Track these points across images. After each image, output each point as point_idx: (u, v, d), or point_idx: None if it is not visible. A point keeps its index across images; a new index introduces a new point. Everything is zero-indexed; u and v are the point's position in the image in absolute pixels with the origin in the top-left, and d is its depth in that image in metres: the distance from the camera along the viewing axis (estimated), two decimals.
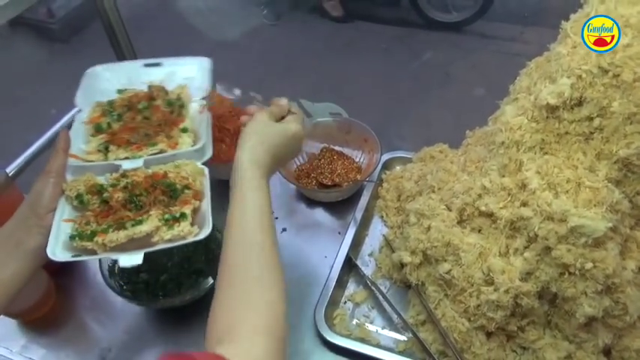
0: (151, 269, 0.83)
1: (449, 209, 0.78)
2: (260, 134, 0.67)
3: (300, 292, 0.85)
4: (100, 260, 0.80)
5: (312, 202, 1.00)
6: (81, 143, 0.73)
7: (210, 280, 0.80)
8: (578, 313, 0.67)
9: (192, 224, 0.63)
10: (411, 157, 1.01)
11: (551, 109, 0.68)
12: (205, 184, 0.68)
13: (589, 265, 0.64)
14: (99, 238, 0.60)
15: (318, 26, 3.39)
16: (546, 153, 0.70)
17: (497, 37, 3.12)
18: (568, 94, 0.65)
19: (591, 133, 0.67)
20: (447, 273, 0.74)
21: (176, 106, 0.78)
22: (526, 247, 0.70)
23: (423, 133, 1.06)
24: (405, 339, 0.78)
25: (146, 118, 0.75)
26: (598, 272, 0.64)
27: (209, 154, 0.72)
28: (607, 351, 0.72)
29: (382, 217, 0.95)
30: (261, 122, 0.69)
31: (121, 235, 0.60)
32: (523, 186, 0.70)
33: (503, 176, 0.73)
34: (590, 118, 0.66)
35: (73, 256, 0.60)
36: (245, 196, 0.61)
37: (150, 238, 0.62)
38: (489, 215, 0.73)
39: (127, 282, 0.82)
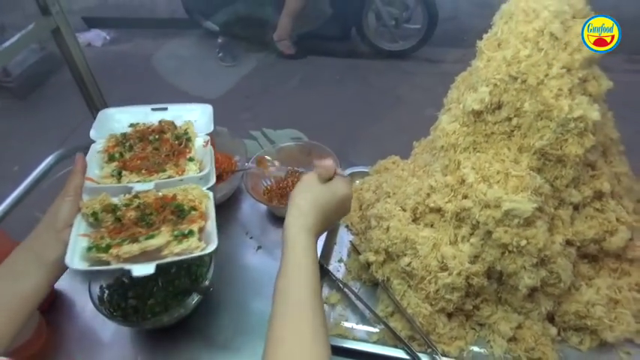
0: (138, 295, 0.89)
1: (403, 210, 0.88)
2: (310, 198, 0.72)
3: None
4: (89, 290, 0.85)
5: (282, 220, 1.08)
6: (96, 169, 0.79)
7: (195, 298, 0.86)
8: (520, 285, 0.77)
9: (199, 240, 0.69)
10: (368, 171, 1.12)
11: (477, 114, 0.80)
12: (210, 207, 0.74)
13: (523, 242, 0.75)
14: (114, 250, 0.65)
15: (274, 64, 3.55)
16: (478, 151, 0.82)
17: (441, 61, 3.35)
18: (488, 100, 0.77)
19: (512, 131, 0.79)
20: (407, 265, 0.83)
21: (183, 139, 0.85)
22: (471, 234, 0.80)
23: (378, 149, 1.16)
24: (378, 330, 0.86)
25: (156, 149, 0.82)
26: (532, 247, 0.75)
27: (213, 180, 0.78)
28: (551, 318, 0.83)
29: (347, 226, 1.05)
30: (311, 185, 0.74)
31: (135, 248, 0.65)
32: (462, 181, 0.81)
33: (446, 175, 0.84)
34: (509, 119, 0.78)
35: (89, 266, 0.65)
36: (300, 263, 0.66)
37: (160, 251, 0.67)
38: (438, 210, 0.84)
39: (117, 308, 0.87)
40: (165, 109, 0.91)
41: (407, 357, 0.80)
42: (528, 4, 0.76)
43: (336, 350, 0.83)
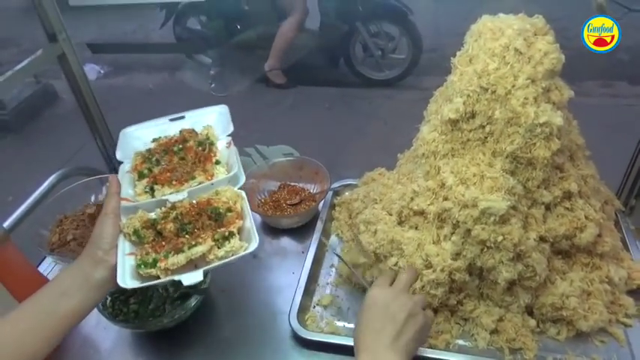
0: (139, 301, 0.93)
1: (389, 214, 0.94)
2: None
3: (275, 303, 0.97)
4: None
5: (276, 232, 1.14)
6: (129, 189, 0.82)
7: (194, 301, 0.91)
8: (499, 279, 0.83)
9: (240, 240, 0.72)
10: (356, 184, 1.18)
11: (454, 123, 0.87)
12: (245, 206, 0.77)
13: (500, 238, 0.81)
14: (161, 264, 0.69)
15: (265, 94, 3.66)
16: (456, 157, 0.88)
17: (426, 89, 3.46)
18: (462, 110, 0.85)
19: (485, 137, 0.86)
20: (394, 265, 0.89)
21: (206, 144, 0.87)
22: (452, 233, 0.86)
23: (366, 166, 1.24)
24: None
25: (182, 158, 0.85)
26: (507, 243, 0.81)
27: (242, 180, 0.82)
28: (530, 311, 0.88)
29: (338, 234, 1.11)
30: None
31: (181, 258, 0.68)
32: (442, 185, 0.87)
33: (427, 180, 0.90)
34: (483, 126, 0.85)
35: (141, 283, 0.68)
36: None
37: (205, 257, 0.70)
38: (421, 213, 0.90)
39: (119, 313, 0.91)
40: (183, 117, 0.94)
41: None
42: (495, 24, 0.85)
43: (329, 347, 0.87)
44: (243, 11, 3.59)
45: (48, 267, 1.11)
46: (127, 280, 0.68)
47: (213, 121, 0.94)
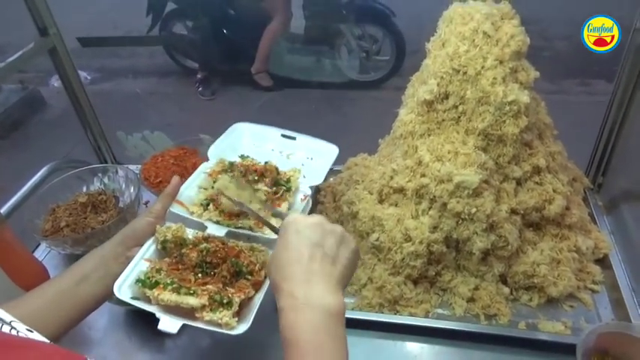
0: None
1: (370, 193, 0.99)
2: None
3: None
4: None
5: None
6: (193, 191, 0.81)
7: None
8: (474, 249, 0.88)
9: (234, 314, 0.65)
10: (340, 169, 1.23)
11: (429, 104, 0.92)
12: (267, 281, 0.69)
13: (474, 210, 0.86)
14: (156, 291, 0.66)
15: (251, 97, 3.70)
16: (432, 136, 0.94)
17: None
18: (436, 91, 0.90)
19: (459, 117, 0.91)
20: (376, 240, 0.93)
21: (282, 189, 0.82)
22: (430, 208, 0.91)
23: (350, 156, 1.29)
24: (352, 301, 0.95)
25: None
26: (481, 214, 0.86)
27: None
28: (504, 280, 0.93)
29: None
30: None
31: (172, 298, 0.66)
32: (420, 162, 0.92)
33: (406, 159, 0.95)
34: (456, 106, 0.91)
35: (131, 298, 0.67)
36: None
37: (194, 311, 0.66)
38: (400, 190, 0.95)
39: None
40: (294, 138, 0.95)
41: (382, 320, 0.89)
42: (464, 9, 0.90)
43: None
44: (229, 16, 3.63)
45: (42, 253, 1.13)
46: (122, 288, 0.68)
47: (314, 156, 0.93)
